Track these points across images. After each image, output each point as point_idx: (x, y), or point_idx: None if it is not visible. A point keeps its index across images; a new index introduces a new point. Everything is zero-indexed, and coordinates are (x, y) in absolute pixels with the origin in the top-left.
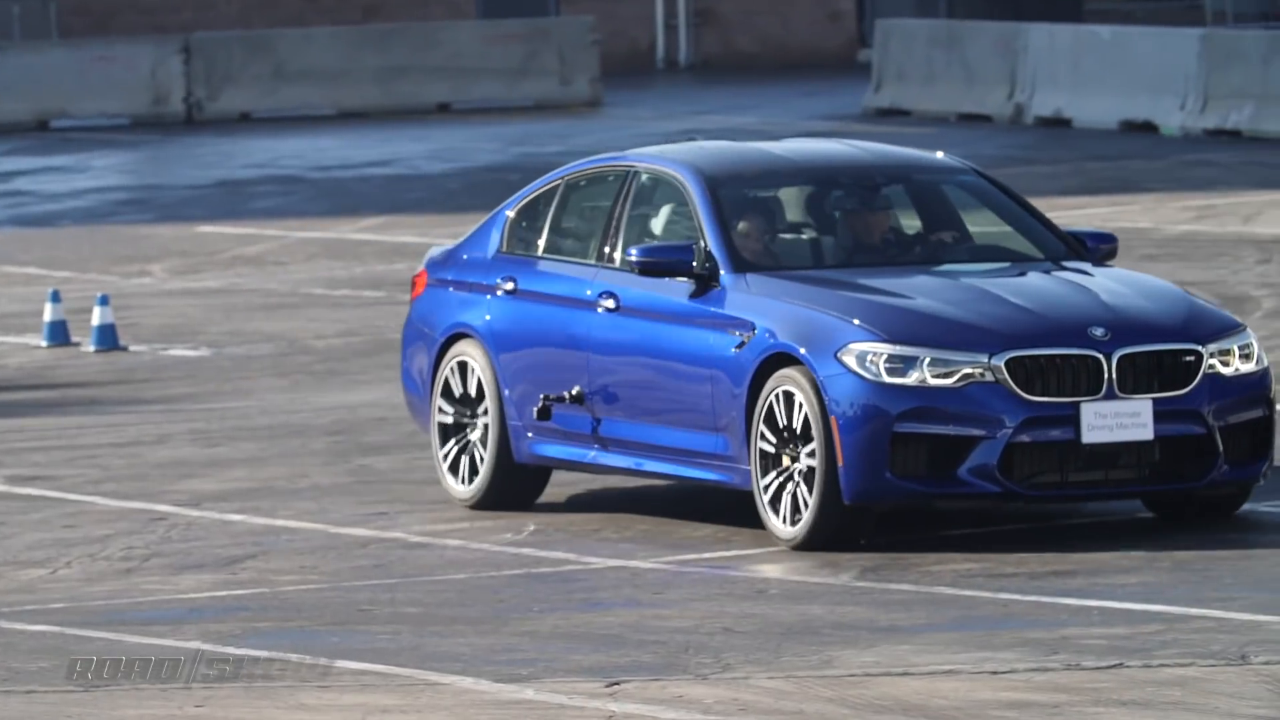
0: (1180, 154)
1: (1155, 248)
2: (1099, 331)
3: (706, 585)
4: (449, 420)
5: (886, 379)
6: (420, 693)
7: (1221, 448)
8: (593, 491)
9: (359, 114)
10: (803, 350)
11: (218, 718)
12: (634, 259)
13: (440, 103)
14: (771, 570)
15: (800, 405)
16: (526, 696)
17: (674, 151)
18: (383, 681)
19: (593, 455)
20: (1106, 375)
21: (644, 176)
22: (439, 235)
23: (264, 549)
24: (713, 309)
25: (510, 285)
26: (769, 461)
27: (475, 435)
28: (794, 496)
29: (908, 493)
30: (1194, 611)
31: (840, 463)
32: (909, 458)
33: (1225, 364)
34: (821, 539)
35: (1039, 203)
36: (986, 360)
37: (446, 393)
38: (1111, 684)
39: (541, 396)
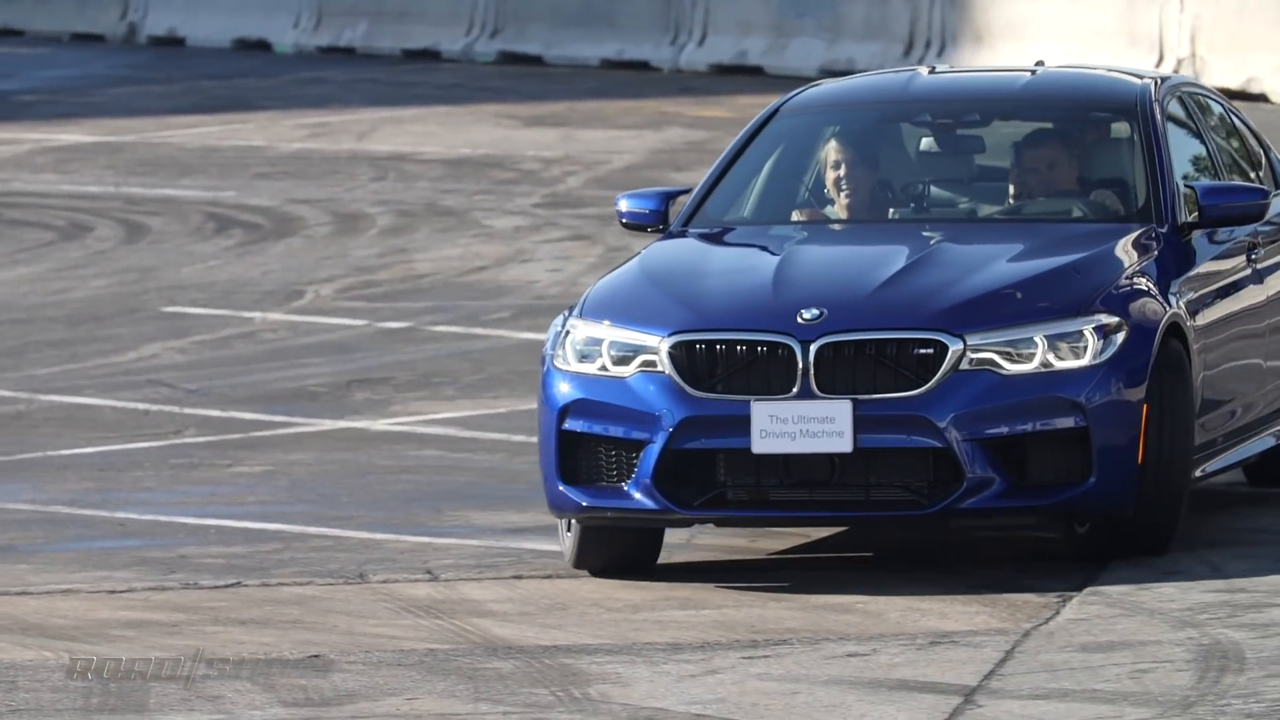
0: (294, 72)
1: (269, 166)
2: (809, 314)
3: None
4: None
5: (573, 364)
6: None
7: (975, 467)
8: None
9: None
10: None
11: None
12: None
13: None
14: None
15: None
16: None
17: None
18: None
19: None
20: (800, 368)
21: None
22: None
23: None
24: None
25: None
26: None
27: None
28: None
29: (576, 507)
30: (312, 530)
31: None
32: (579, 463)
33: (1014, 359)
34: (597, 560)
35: (150, 122)
36: (656, 345)
37: None
38: (230, 603)
39: None
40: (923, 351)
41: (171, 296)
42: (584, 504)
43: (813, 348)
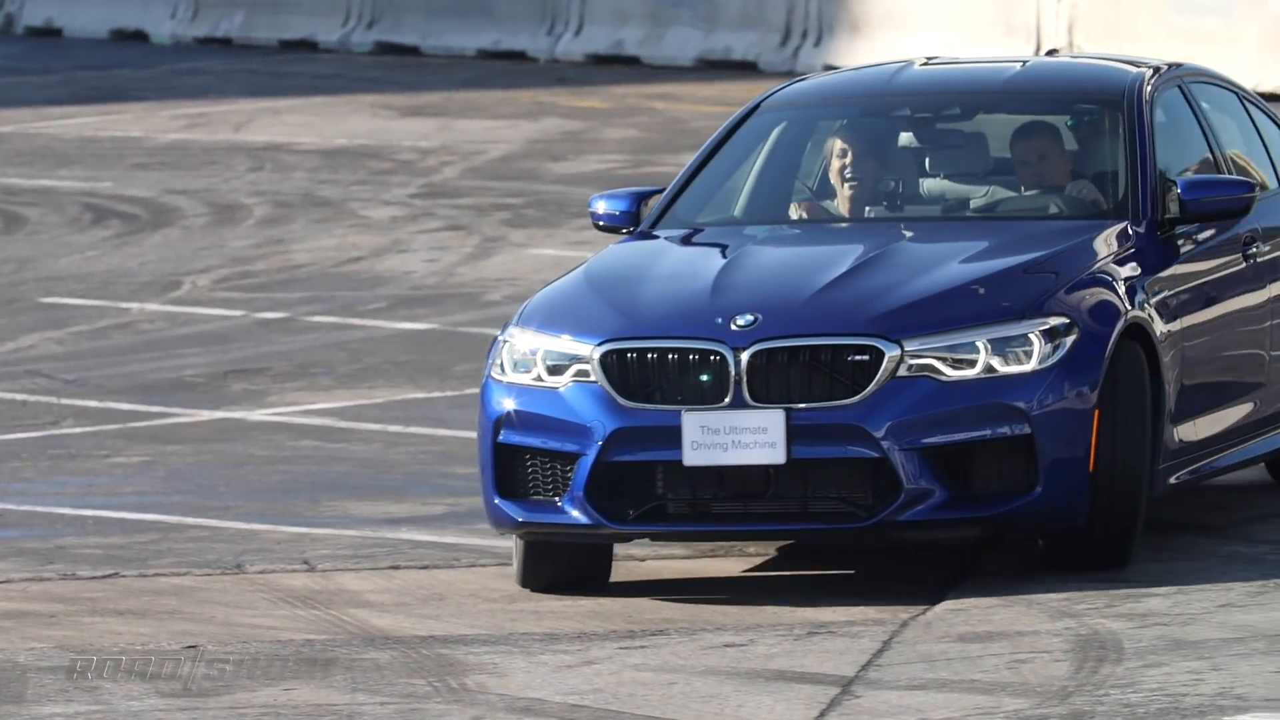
0: (171, 63)
1: (147, 156)
2: (743, 320)
3: None
4: None
5: (509, 375)
6: None
7: (914, 478)
8: None
9: None
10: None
11: None
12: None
13: None
14: None
15: None
16: None
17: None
18: None
19: None
20: (733, 377)
21: None
22: None
23: None
24: None
25: None
26: None
27: None
28: None
29: (512, 522)
30: (189, 520)
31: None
32: (515, 477)
33: (955, 365)
34: (543, 578)
35: (27, 112)
36: (588, 353)
37: None
38: (108, 593)
39: None
40: (858, 358)
41: (49, 287)
42: (520, 519)
43: (745, 355)
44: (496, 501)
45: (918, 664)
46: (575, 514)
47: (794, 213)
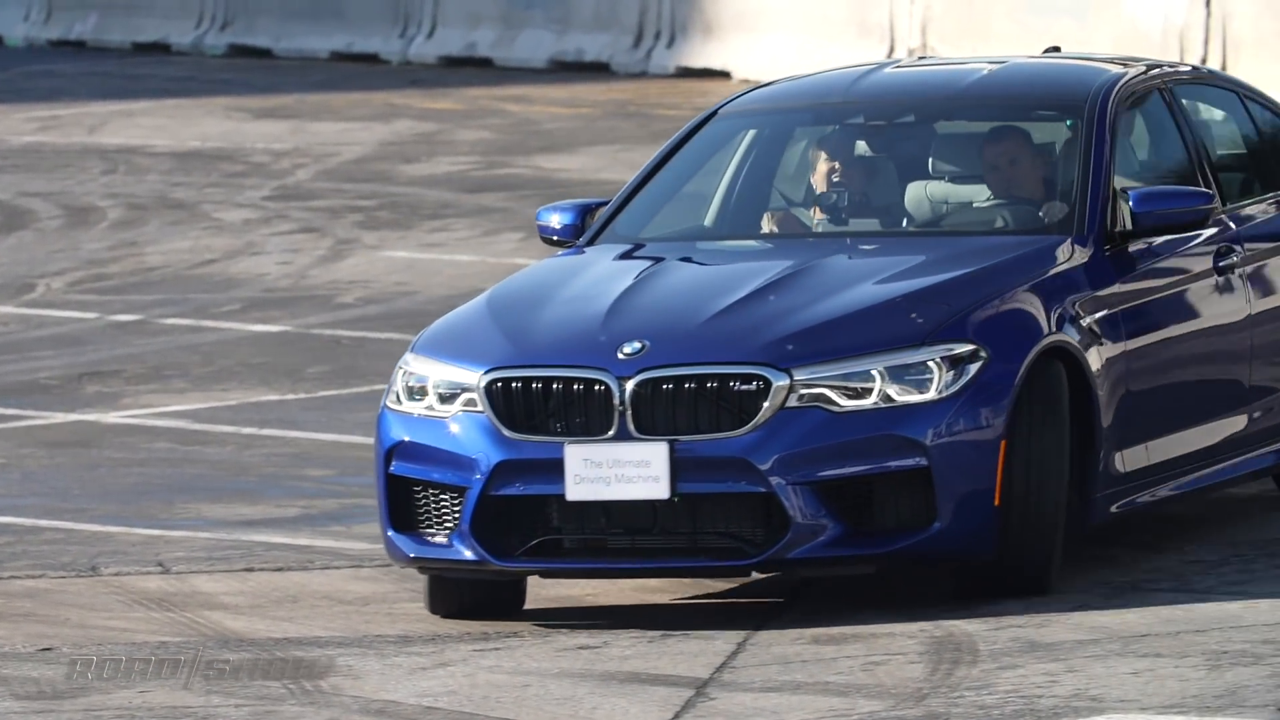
0: (24, 65)
1: (0, 159)
2: (630, 348)
3: None
4: None
5: (403, 403)
6: None
7: (805, 513)
8: None
9: None
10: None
11: None
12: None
13: None
14: None
15: None
16: None
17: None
18: None
19: None
20: (618, 407)
21: None
22: None
23: None
24: None
25: None
26: None
27: None
28: None
29: (404, 556)
30: (44, 523)
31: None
32: (407, 510)
33: (849, 395)
34: (449, 606)
35: None
36: (475, 382)
37: None
38: None
39: None
40: (745, 388)
41: None
42: (411, 554)
43: (630, 384)
44: (390, 534)
45: (772, 666)
46: (463, 550)
47: (766, 225)
